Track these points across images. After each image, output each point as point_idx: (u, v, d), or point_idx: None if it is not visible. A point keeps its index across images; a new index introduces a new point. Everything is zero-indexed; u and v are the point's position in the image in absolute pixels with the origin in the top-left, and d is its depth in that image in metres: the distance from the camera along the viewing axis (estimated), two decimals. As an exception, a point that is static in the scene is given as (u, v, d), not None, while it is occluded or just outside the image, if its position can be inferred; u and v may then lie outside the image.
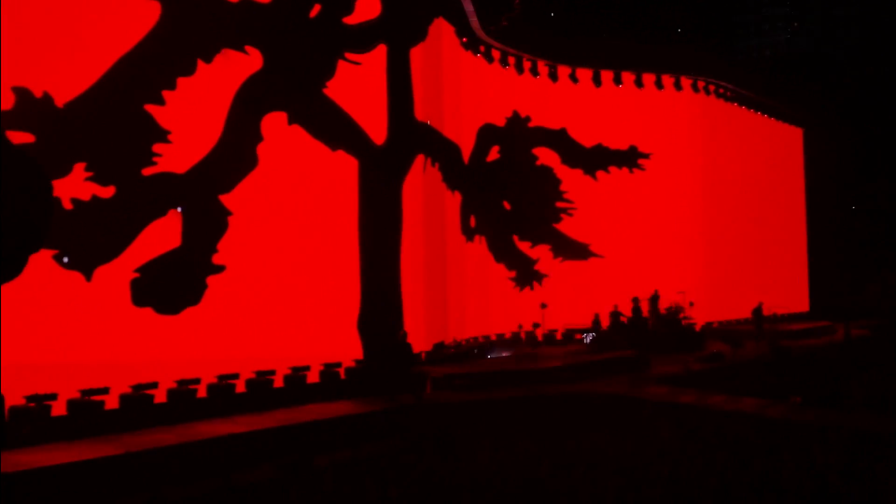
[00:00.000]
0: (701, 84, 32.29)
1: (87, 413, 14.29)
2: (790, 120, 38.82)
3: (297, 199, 19.48)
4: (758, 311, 28.49)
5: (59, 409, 14.14)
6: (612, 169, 26.54)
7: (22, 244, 3.16)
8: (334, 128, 19.11)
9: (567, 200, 25.42)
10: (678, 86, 31.23)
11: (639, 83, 29.79)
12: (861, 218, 39.65)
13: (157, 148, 15.97)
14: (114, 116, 15.56)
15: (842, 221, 39.39)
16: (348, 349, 19.17)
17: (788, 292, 35.89)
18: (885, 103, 38.50)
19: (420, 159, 21.56)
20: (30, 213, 3.20)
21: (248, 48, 17.64)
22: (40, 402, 13.96)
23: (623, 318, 26.04)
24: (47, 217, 3.30)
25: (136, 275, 15.82)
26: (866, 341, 28.23)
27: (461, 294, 24.88)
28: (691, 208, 32.83)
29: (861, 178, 39.49)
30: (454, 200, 23.79)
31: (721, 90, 33.57)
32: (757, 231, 35.73)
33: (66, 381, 14.41)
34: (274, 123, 18.03)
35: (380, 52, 20.25)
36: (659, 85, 30.46)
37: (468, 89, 25.48)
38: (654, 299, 26.85)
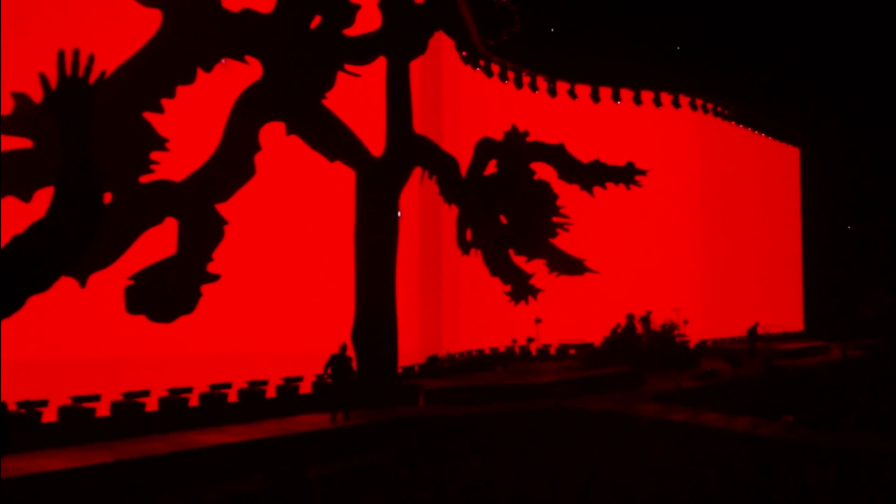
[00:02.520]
0: (699, 102, 32.43)
1: (77, 420, 14.24)
2: (787, 139, 38.98)
3: (293, 210, 19.49)
4: (753, 330, 28.52)
5: (49, 415, 14.08)
6: (609, 185, 26.56)
7: (58, 264, 3.09)
8: (333, 139, 19.14)
9: (563, 216, 25.43)
10: (676, 103, 31.35)
11: (637, 100, 29.92)
12: (856, 238, 39.73)
13: (154, 156, 15.97)
14: (112, 123, 15.55)
15: (837, 241, 39.47)
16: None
17: (783, 311, 35.95)
18: (882, 124, 38.68)
19: (417, 172, 21.59)
20: (74, 235, 3.12)
21: (248, 58, 17.68)
22: (31, 408, 13.90)
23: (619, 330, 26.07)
24: (88, 241, 3.22)
25: (131, 282, 15.78)
26: (862, 361, 28.22)
27: (456, 307, 24.87)
28: (688, 226, 32.90)
29: (857, 198, 39.61)
30: (451, 213, 23.81)
31: (719, 109, 33.72)
32: (753, 250, 35.81)
33: (56, 378, 14.35)
34: (272, 133, 18.06)
35: (380, 65, 20.32)
36: (657, 102, 30.58)
37: (467, 102, 25.58)
38: (646, 319, 26.88)
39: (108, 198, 15.40)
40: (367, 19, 19.92)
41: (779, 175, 38.48)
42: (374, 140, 20.06)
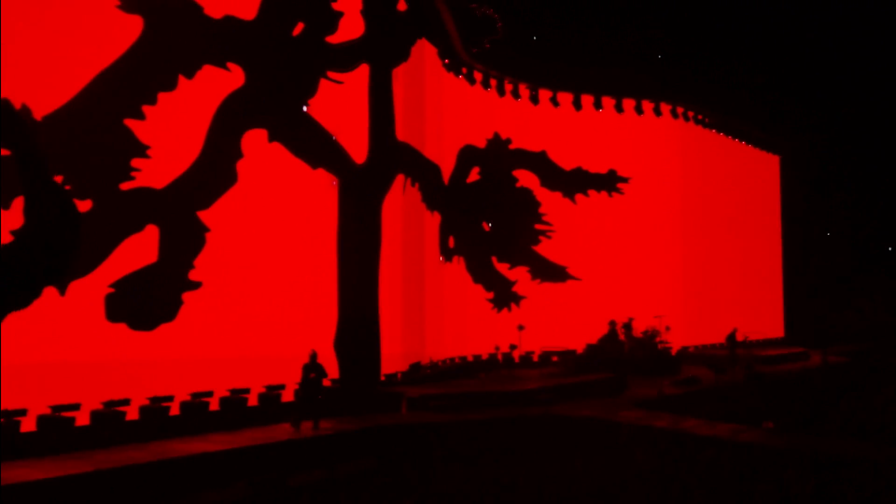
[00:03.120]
0: (680, 110, 32.61)
1: (57, 430, 14.09)
2: (767, 147, 39.29)
3: (276, 217, 19.42)
4: (731, 336, 28.65)
5: (28, 424, 13.94)
6: (592, 192, 26.69)
7: (42, 276, 3.03)
8: (315, 146, 19.11)
9: (546, 223, 25.51)
10: (658, 111, 31.51)
11: (619, 108, 30.05)
12: (836, 245, 40.11)
13: (135, 163, 15.88)
14: (93, 130, 15.47)
15: (817, 248, 39.82)
16: (325, 368, 19.06)
17: (764, 318, 36.16)
18: (860, 132, 39.14)
19: (400, 179, 21.59)
20: (56, 247, 3.06)
21: (230, 65, 17.63)
22: (9, 417, 13.75)
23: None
24: (72, 251, 3.15)
25: (111, 290, 15.66)
26: (842, 367, 28.45)
27: (439, 315, 24.84)
28: (669, 233, 33.05)
29: (836, 206, 40.02)
30: (433, 221, 23.80)
31: (700, 116, 33.93)
32: (734, 256, 36.03)
33: (36, 384, 14.19)
34: (255, 140, 18.00)
35: (362, 72, 20.31)
36: (639, 110, 30.72)
37: (449, 110, 25.59)
38: (628, 325, 26.96)
39: (88, 205, 15.31)
40: (350, 26, 19.93)
41: (759, 182, 38.73)
42: (357, 147, 20.05)
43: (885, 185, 39.30)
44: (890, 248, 39.97)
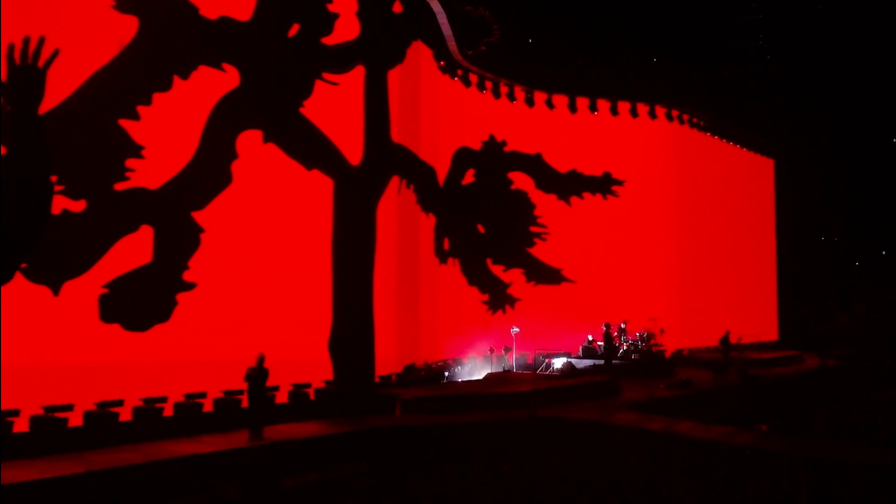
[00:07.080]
0: (675, 113, 32.66)
1: (49, 430, 14.05)
2: (762, 151, 39.37)
3: (271, 218, 19.37)
4: (725, 339, 28.69)
5: (21, 425, 13.89)
6: (586, 195, 26.73)
7: (12, 254, 2.91)
8: (310, 147, 19.10)
9: (541, 225, 25.54)
10: (653, 114, 31.55)
11: (614, 111, 30.08)
12: (830, 249, 40.24)
13: (130, 163, 15.86)
14: (87, 130, 15.44)
15: (811, 252, 39.95)
16: (319, 370, 19.06)
17: (758, 321, 36.20)
18: (856, 137, 39.28)
19: (395, 180, 21.58)
20: (27, 219, 2.93)
21: (225, 65, 17.62)
22: (2, 418, 13.69)
23: (595, 345, 26.21)
24: (42, 224, 2.97)
25: (105, 290, 15.62)
26: (836, 370, 28.50)
27: (433, 316, 24.79)
28: (664, 236, 33.05)
29: (830, 210, 40.17)
30: (428, 222, 23.79)
31: (695, 120, 33.98)
32: (728, 260, 36.06)
33: (29, 386, 14.10)
34: (250, 141, 17.98)
35: (358, 73, 20.31)
36: (634, 113, 30.76)
37: (445, 112, 25.55)
38: (623, 328, 27.01)
39: (82, 205, 15.26)
40: (346, 28, 19.93)
41: (753, 186, 38.79)
42: (352, 148, 20.04)
43: (880, 189, 39.43)
44: (884, 252, 40.10)
